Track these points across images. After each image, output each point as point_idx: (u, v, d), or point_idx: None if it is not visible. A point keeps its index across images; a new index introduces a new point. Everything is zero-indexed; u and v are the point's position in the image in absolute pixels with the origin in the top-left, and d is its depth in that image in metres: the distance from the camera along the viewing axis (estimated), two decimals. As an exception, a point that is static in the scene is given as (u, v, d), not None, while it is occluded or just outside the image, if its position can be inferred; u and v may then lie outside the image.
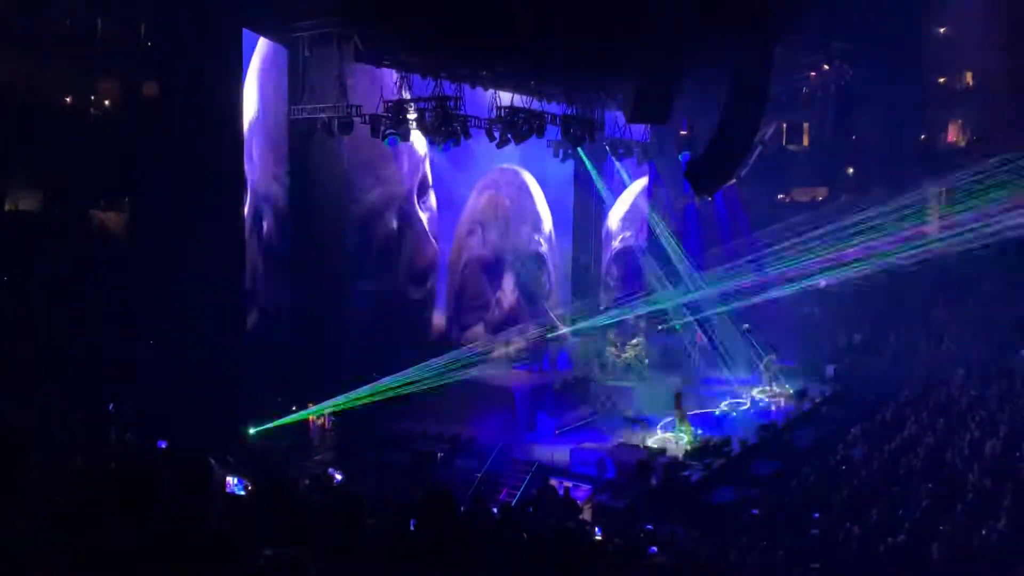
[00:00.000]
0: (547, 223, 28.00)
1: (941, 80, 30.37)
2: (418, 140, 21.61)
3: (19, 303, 16.79)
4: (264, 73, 19.42)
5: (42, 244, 17.89)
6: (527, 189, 27.04)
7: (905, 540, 12.65)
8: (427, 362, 22.38)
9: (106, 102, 20.41)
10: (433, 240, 23.79)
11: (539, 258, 27.84)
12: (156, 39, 19.28)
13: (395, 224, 22.64)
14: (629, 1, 15.74)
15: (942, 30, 29.08)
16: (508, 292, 26.54)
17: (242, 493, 6.70)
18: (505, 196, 26.10)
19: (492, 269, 25.92)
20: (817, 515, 14.25)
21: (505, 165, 25.52)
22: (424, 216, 23.41)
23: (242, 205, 18.75)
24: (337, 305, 21.00)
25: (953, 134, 31.27)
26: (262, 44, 19.34)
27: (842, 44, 22.41)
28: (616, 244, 30.85)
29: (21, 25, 17.26)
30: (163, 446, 8.99)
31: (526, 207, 27.08)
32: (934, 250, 27.73)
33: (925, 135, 31.38)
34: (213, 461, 3.48)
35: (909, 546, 12.52)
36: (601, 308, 29.16)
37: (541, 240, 27.88)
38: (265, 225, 19.87)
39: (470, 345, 24.55)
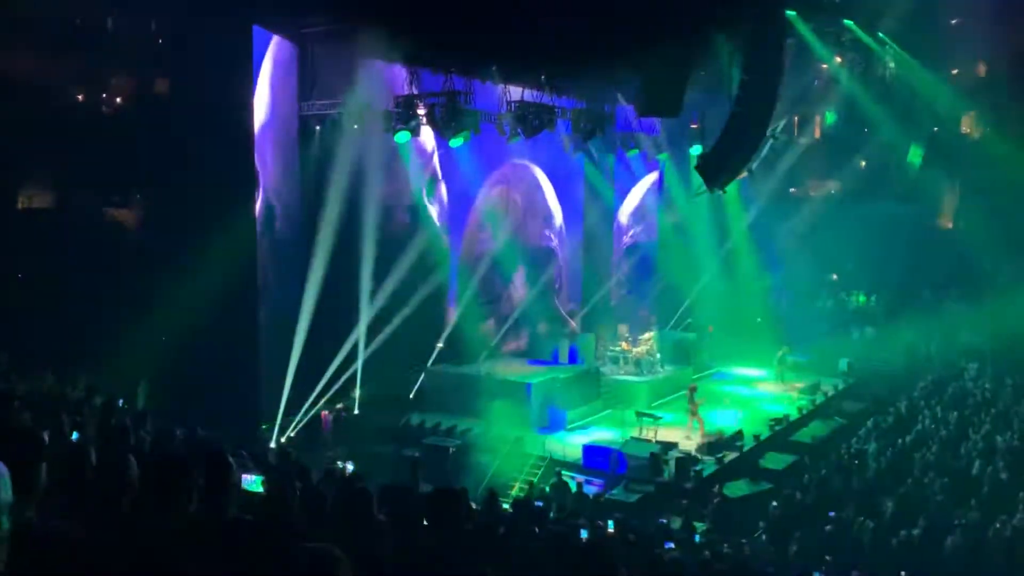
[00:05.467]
0: (558, 218, 27.96)
1: (954, 72, 30.10)
2: (427, 135, 21.60)
3: (33, 300, 16.89)
4: (277, 70, 19.44)
5: (56, 240, 17.98)
6: (538, 184, 27.00)
7: (919, 534, 12.60)
8: (440, 356, 22.46)
9: (118, 98, 20.47)
10: (444, 235, 23.79)
11: (550, 253, 27.79)
12: (167, 35, 19.33)
13: (407, 219, 22.65)
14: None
15: (955, 21, 28.83)
16: (519, 287, 26.51)
17: (260, 489, 6.71)
18: (516, 191, 26.06)
19: (503, 264, 25.88)
20: (832, 511, 14.20)
21: (516, 160, 25.48)
22: (434, 210, 23.41)
23: (254, 200, 18.80)
24: (347, 300, 21.04)
25: (966, 126, 31.03)
26: (275, 42, 19.35)
27: (854, 36, 22.23)
28: (627, 239, 30.78)
29: (32, 21, 17.30)
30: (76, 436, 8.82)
31: (537, 202, 27.04)
32: (948, 242, 27.64)
33: (938, 127, 31.13)
34: (231, 457, 3.49)
35: (923, 540, 12.47)
36: (612, 303, 29.13)
37: (552, 235, 27.83)
38: (277, 222, 19.91)
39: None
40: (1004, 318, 23.94)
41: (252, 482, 7.06)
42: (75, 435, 8.81)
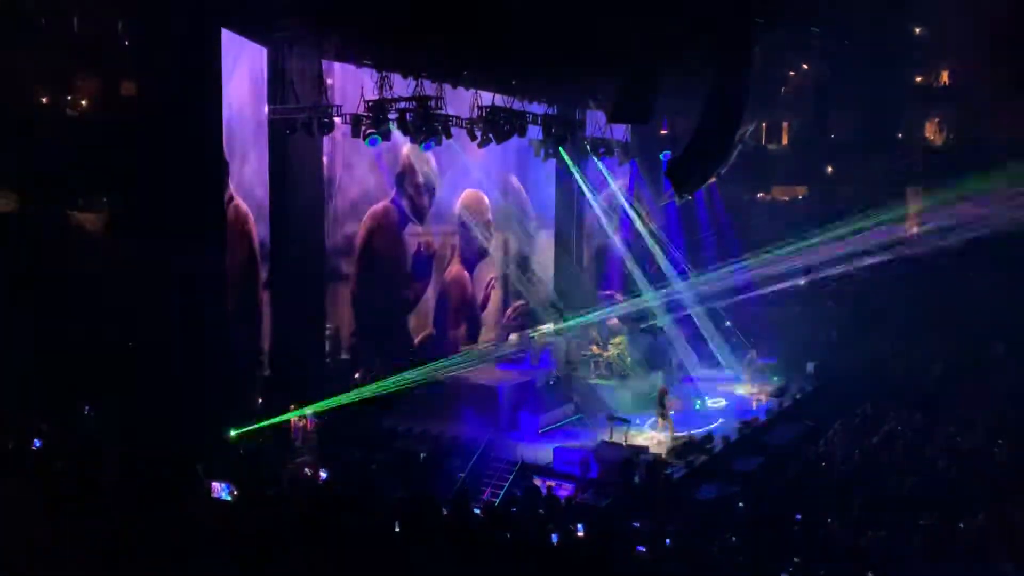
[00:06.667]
0: (530, 222, 28.03)
1: (918, 79, 30.68)
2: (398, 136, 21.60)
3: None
4: (247, 74, 19.29)
5: (19, 245, 17.71)
6: (511, 188, 27.06)
7: (885, 534, 12.78)
8: (411, 361, 22.41)
9: (83, 101, 20.21)
10: (418, 237, 23.78)
11: (522, 258, 27.85)
12: (134, 38, 19.12)
13: (376, 223, 22.59)
14: (609, 3, 15.78)
15: (919, 29, 29.39)
16: (492, 292, 26.55)
17: (228, 498, 6.65)
18: (488, 196, 26.08)
19: (475, 269, 25.91)
20: (799, 513, 14.35)
21: (488, 165, 25.51)
22: (406, 205, 23.37)
23: (223, 205, 18.58)
24: (318, 304, 20.97)
25: (930, 132, 31.60)
26: (248, 45, 19.19)
27: (821, 44, 22.57)
28: (598, 243, 30.93)
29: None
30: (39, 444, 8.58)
31: (509, 207, 27.08)
32: (911, 246, 28.08)
33: (903, 134, 31.70)
34: (200, 468, 3.47)
35: (889, 540, 12.65)
36: (583, 306, 29.23)
37: (524, 239, 27.89)
38: (248, 225, 19.72)
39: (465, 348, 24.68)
40: (968, 321, 24.38)
41: (222, 490, 7.01)
42: (37, 443, 8.72)
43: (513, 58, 20.96)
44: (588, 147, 26.51)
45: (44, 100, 19.53)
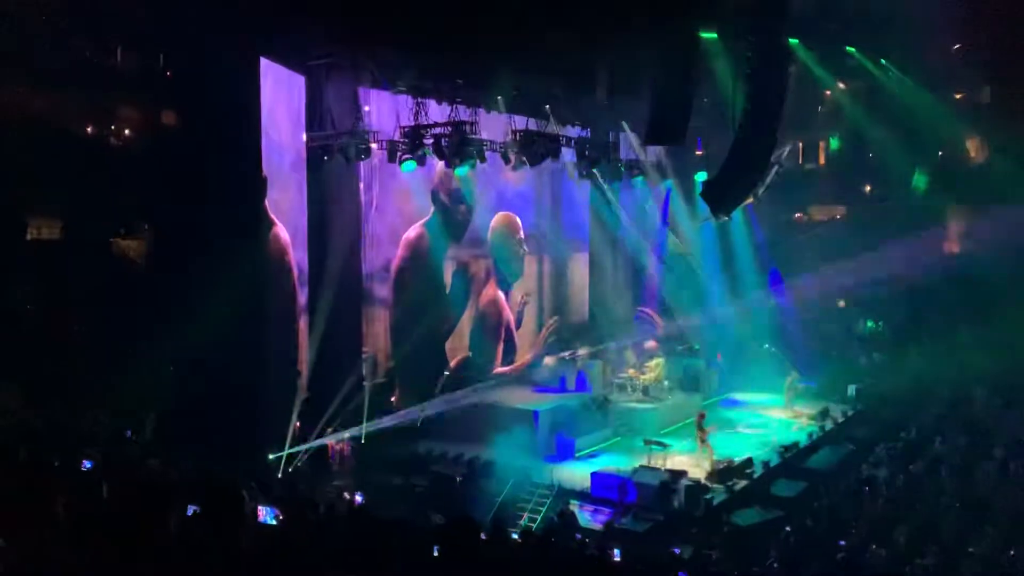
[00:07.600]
0: (565, 244, 28.00)
1: (958, 96, 30.24)
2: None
3: (41, 330, 16.95)
4: (286, 102, 19.58)
5: (64, 272, 18.07)
6: (545, 210, 27.08)
7: (933, 562, 12.47)
8: (447, 384, 22.42)
9: (126, 131, 20.67)
10: (452, 261, 23.87)
11: (556, 278, 27.80)
12: (175, 68, 19.55)
13: (410, 250, 22.69)
14: (643, 26, 15.83)
15: (956, 47, 29.02)
16: (526, 313, 26.51)
17: (274, 522, 6.65)
18: (522, 218, 26.12)
19: (510, 290, 25.92)
20: (843, 540, 14.06)
21: (522, 188, 25.57)
22: (443, 220, 23.45)
23: (263, 231, 18.81)
24: (355, 328, 21.10)
25: (972, 149, 31.07)
26: (286, 74, 19.50)
27: (858, 62, 22.40)
28: (632, 264, 30.74)
29: (41, 55, 17.55)
30: (89, 465, 8.57)
31: (544, 229, 27.08)
32: (953, 265, 27.59)
33: (943, 151, 31.24)
34: (245, 492, 3.48)
35: (937, 568, 12.34)
36: (620, 328, 29.08)
37: (559, 261, 27.86)
38: (285, 251, 19.94)
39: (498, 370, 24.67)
40: (1012, 343, 23.80)
41: (268, 514, 7.02)
42: (87, 464, 8.83)
43: (546, 83, 21.10)
44: (622, 169, 26.46)
45: (88, 130, 20.00)
